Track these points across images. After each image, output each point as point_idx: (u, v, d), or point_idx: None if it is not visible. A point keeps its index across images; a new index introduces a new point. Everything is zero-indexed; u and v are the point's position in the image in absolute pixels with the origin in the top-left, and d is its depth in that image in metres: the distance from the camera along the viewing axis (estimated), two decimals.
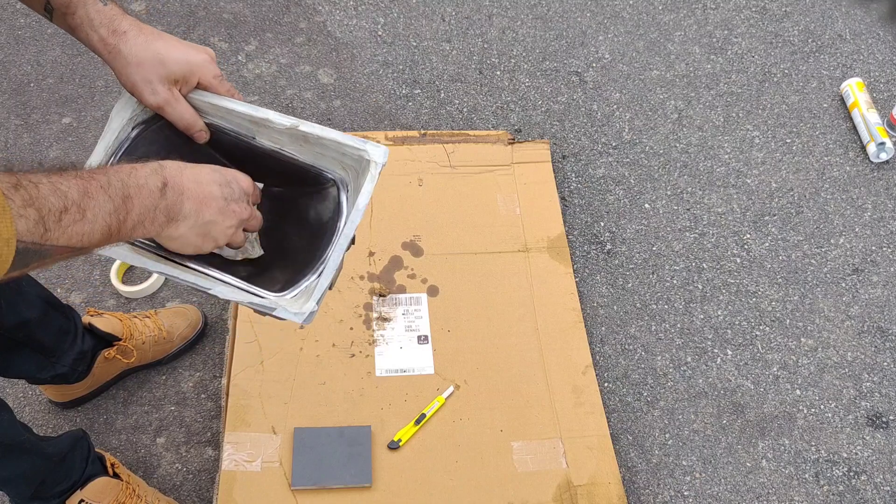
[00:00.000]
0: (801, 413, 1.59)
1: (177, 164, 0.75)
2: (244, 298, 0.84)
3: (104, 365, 1.43)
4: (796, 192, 1.93)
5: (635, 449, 1.51)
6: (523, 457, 1.43)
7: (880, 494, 1.50)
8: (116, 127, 0.86)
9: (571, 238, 1.79)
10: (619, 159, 1.96)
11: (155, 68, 0.82)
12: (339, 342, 1.53)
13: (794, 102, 2.11)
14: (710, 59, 2.19)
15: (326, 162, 0.93)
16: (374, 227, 1.67)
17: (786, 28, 2.28)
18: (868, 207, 1.91)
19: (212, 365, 1.54)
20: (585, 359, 1.56)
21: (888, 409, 1.60)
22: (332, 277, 0.85)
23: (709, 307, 1.72)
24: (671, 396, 1.59)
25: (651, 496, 1.46)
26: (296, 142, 0.92)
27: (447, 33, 2.18)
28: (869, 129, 1.99)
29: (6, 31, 2.01)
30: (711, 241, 1.83)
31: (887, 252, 1.84)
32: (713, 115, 2.07)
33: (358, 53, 2.10)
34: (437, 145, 1.85)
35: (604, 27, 2.23)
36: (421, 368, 1.51)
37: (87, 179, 0.64)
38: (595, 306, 1.70)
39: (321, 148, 0.91)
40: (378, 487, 1.36)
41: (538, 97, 2.06)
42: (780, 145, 2.02)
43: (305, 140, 0.91)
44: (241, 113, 0.90)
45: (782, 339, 1.68)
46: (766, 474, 1.50)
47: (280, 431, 1.40)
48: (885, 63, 2.21)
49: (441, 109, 2.01)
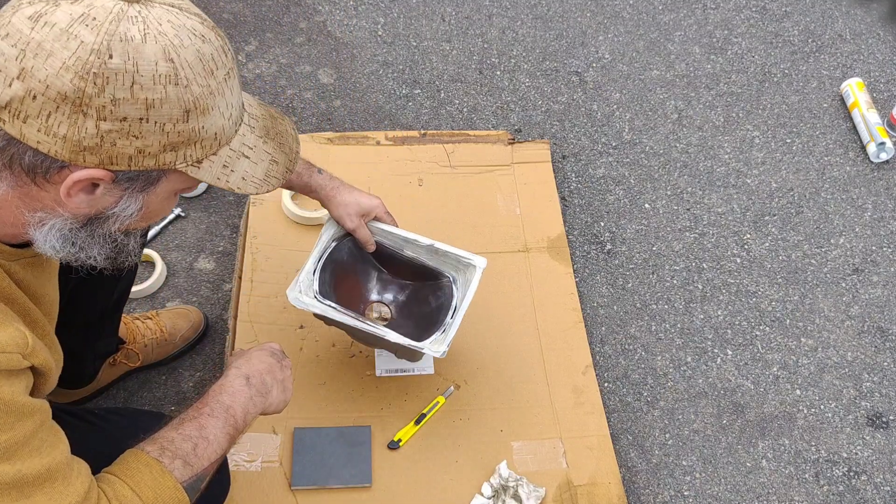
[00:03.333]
0: (801, 413, 1.59)
1: (244, 358, 1.02)
2: (404, 342, 1.27)
3: (109, 369, 1.44)
4: (796, 192, 1.93)
5: (635, 449, 1.51)
6: (523, 457, 1.43)
7: (880, 494, 1.50)
8: (326, 239, 1.34)
9: (571, 238, 1.79)
10: (619, 159, 1.96)
11: (353, 207, 1.32)
12: (339, 342, 1.53)
13: (794, 102, 2.11)
14: (710, 59, 2.19)
15: (446, 266, 1.40)
16: None
17: (786, 28, 2.28)
18: (868, 207, 1.91)
19: (212, 365, 1.54)
20: (585, 359, 1.56)
21: (888, 409, 1.60)
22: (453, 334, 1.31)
23: (709, 307, 1.72)
24: (671, 396, 1.59)
25: (651, 496, 1.46)
26: (429, 253, 1.39)
27: (447, 33, 2.18)
28: (869, 129, 1.99)
29: None
30: (711, 241, 1.83)
31: (887, 252, 1.84)
32: (713, 115, 2.07)
33: (358, 53, 2.11)
34: (437, 145, 1.85)
35: (604, 27, 2.23)
36: (421, 368, 1.51)
37: (198, 416, 0.90)
38: (595, 306, 1.70)
39: (444, 257, 1.39)
40: (378, 487, 1.36)
41: (538, 97, 2.06)
42: (780, 145, 2.02)
43: (436, 252, 1.39)
44: (396, 235, 1.38)
45: (782, 339, 1.68)
46: (766, 474, 1.51)
47: (280, 431, 1.40)
48: (885, 63, 2.21)
49: (441, 109, 2.01)
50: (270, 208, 1.68)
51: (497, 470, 1.38)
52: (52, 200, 0.71)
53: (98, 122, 0.65)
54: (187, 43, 0.67)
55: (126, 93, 0.65)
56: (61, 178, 0.68)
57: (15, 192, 0.70)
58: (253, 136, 0.78)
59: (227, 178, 0.76)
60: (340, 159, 1.79)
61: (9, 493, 0.70)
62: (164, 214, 0.82)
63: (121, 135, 0.66)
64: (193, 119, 0.69)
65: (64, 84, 0.63)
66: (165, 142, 0.69)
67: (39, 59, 0.63)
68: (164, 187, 0.74)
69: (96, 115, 0.65)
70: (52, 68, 0.63)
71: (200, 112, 0.69)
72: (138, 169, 0.69)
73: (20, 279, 0.80)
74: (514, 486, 1.36)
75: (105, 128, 0.65)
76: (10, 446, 0.70)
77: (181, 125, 0.69)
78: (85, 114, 0.64)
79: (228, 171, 0.76)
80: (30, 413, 0.73)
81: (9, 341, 0.71)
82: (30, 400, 0.74)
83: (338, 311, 1.28)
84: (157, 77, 0.66)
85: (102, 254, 0.78)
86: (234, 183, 0.76)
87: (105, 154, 0.67)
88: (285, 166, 0.82)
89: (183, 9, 0.69)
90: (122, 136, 0.66)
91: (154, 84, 0.66)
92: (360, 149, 1.83)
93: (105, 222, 0.75)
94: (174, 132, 0.69)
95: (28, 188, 0.70)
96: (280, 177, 0.81)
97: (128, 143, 0.67)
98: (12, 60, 0.64)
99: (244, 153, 0.77)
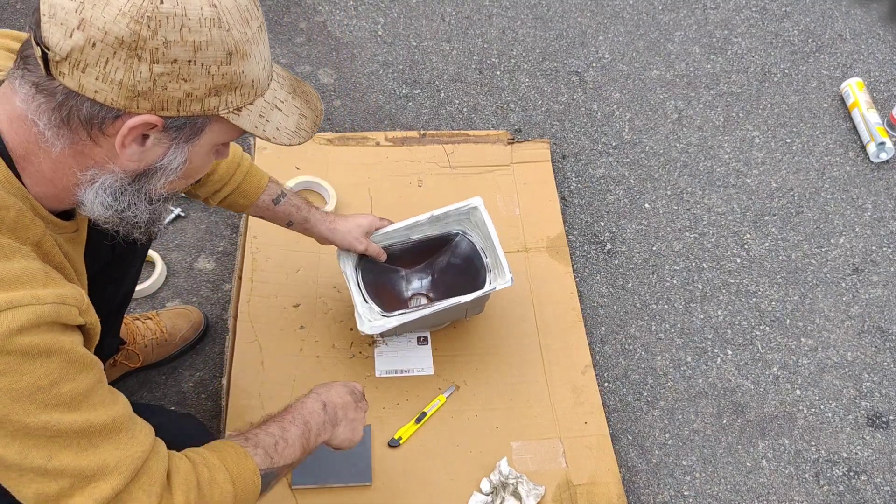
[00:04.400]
0: (801, 413, 1.59)
1: (325, 387, 1.11)
2: (476, 294, 1.39)
3: (109, 369, 1.44)
4: (796, 192, 1.93)
5: (635, 449, 1.51)
6: (523, 456, 1.43)
7: (880, 494, 1.50)
8: (351, 271, 1.42)
9: (571, 238, 1.79)
10: (619, 159, 1.96)
11: (356, 231, 1.41)
12: (338, 343, 1.53)
13: (794, 102, 2.11)
14: (710, 59, 2.19)
15: (451, 226, 1.50)
16: None
17: (786, 28, 2.28)
18: (868, 207, 1.91)
19: (212, 365, 1.55)
20: (585, 359, 1.56)
21: (888, 409, 1.60)
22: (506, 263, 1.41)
23: (709, 307, 1.72)
24: (671, 396, 1.59)
25: (651, 496, 1.46)
26: (432, 225, 1.48)
27: (447, 33, 2.18)
28: (869, 129, 1.99)
29: None
30: (711, 241, 1.83)
31: (887, 252, 1.84)
32: (713, 115, 2.07)
33: (358, 53, 2.11)
34: (437, 146, 1.85)
35: (604, 27, 2.23)
36: (421, 369, 1.51)
37: (280, 421, 1.00)
38: (595, 306, 1.70)
39: (446, 219, 1.48)
40: (378, 486, 1.36)
41: (538, 97, 2.06)
42: (780, 145, 2.02)
43: (438, 220, 1.47)
44: (399, 229, 1.46)
45: (782, 339, 1.68)
46: (766, 474, 1.50)
47: None
48: (885, 63, 2.21)
49: (441, 109, 2.01)
50: None
51: (497, 467, 1.38)
52: (104, 156, 0.75)
53: (151, 66, 0.70)
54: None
55: (176, 35, 0.69)
56: (115, 129, 0.73)
57: (70, 149, 0.74)
58: (283, 91, 0.84)
59: (264, 128, 0.81)
60: (340, 160, 1.79)
61: (77, 443, 0.73)
62: (203, 173, 0.86)
63: (171, 77, 0.71)
64: (235, 62, 0.74)
65: (121, 29, 0.68)
66: (211, 84, 0.74)
67: (98, 8, 0.67)
68: (206, 139, 0.79)
69: (150, 58, 0.69)
70: (109, 15, 0.67)
71: (241, 56, 0.74)
72: (186, 115, 0.74)
73: (66, 252, 0.84)
74: (513, 483, 1.36)
75: (158, 70, 0.70)
76: (76, 396, 0.73)
77: (224, 67, 0.74)
78: (140, 57, 0.69)
79: (264, 120, 0.80)
80: (90, 365, 0.76)
81: (69, 294, 0.74)
82: (88, 353, 0.76)
83: (409, 312, 1.38)
84: (203, 20, 0.70)
85: (146, 214, 0.82)
86: (269, 132, 0.81)
87: (157, 98, 0.72)
88: (313, 121, 0.87)
89: None
90: (173, 79, 0.71)
91: (200, 27, 0.70)
92: (359, 149, 1.83)
93: (152, 177, 0.79)
94: (218, 74, 0.74)
95: (83, 145, 0.74)
96: (309, 130, 0.86)
97: (177, 87, 0.72)
98: (72, 13, 0.68)
99: (277, 105, 0.82)
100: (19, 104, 0.73)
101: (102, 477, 0.74)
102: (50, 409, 0.71)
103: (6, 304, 0.68)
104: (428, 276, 1.55)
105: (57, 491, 0.72)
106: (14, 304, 0.68)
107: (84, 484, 0.73)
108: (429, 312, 1.38)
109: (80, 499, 0.73)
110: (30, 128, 0.73)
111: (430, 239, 1.51)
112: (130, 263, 1.23)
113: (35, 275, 0.72)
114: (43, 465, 0.71)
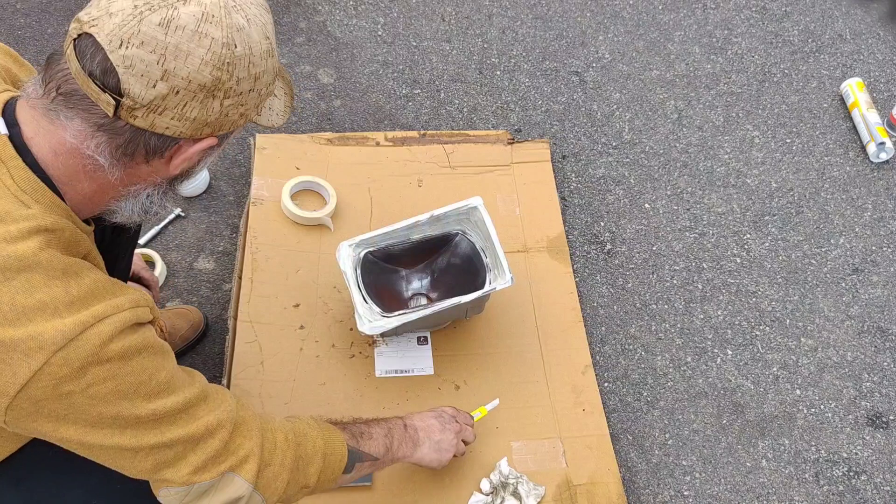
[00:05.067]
0: (801, 413, 1.59)
1: (409, 414, 1.24)
2: (477, 294, 1.39)
3: None
4: (796, 192, 1.93)
5: (635, 449, 1.51)
6: (523, 456, 1.43)
7: (880, 494, 1.50)
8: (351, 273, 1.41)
9: (571, 238, 1.79)
10: (619, 159, 1.96)
11: None
12: (339, 343, 1.53)
13: (794, 102, 2.11)
14: (710, 59, 2.19)
15: (450, 226, 1.49)
16: (373, 229, 1.67)
17: (786, 28, 2.28)
18: (868, 207, 1.91)
19: (212, 365, 1.54)
20: (585, 359, 1.56)
21: (888, 409, 1.60)
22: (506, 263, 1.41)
23: (709, 307, 1.72)
24: (671, 396, 1.59)
25: (651, 496, 1.46)
26: (432, 225, 1.47)
27: (447, 33, 2.18)
28: (869, 129, 1.99)
29: (6, 31, 2.01)
30: (711, 241, 1.83)
31: (887, 252, 1.84)
32: (713, 115, 2.07)
33: (358, 53, 2.11)
34: (437, 146, 1.85)
35: (604, 27, 2.23)
36: (421, 369, 1.51)
37: (367, 421, 1.13)
38: (595, 306, 1.70)
39: (445, 219, 1.48)
40: (378, 487, 1.36)
41: (538, 97, 2.06)
42: (780, 145, 2.02)
43: (438, 220, 1.47)
44: (399, 229, 1.45)
45: (782, 339, 1.68)
46: (766, 474, 1.51)
47: None
48: (885, 63, 2.21)
49: (441, 109, 2.01)
50: (270, 208, 1.68)
51: (497, 467, 1.38)
52: (152, 172, 0.82)
53: (223, 101, 0.77)
54: (266, 18, 0.80)
55: (245, 72, 0.78)
56: (173, 151, 0.80)
57: (125, 172, 0.80)
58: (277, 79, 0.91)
59: (269, 117, 0.88)
60: (340, 160, 1.79)
61: (181, 418, 0.82)
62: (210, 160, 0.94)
63: (235, 105, 0.79)
64: (278, 79, 0.88)
65: (204, 77, 0.74)
66: (258, 102, 0.83)
67: (180, 59, 0.73)
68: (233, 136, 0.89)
69: (223, 96, 0.77)
70: (192, 65, 0.73)
71: (279, 73, 0.87)
72: (234, 128, 0.83)
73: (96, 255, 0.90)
74: (513, 483, 1.36)
75: (227, 104, 0.78)
76: (170, 380, 0.81)
77: (272, 86, 0.84)
78: (214, 96, 0.76)
79: (270, 111, 0.89)
80: (169, 351, 0.84)
81: (139, 297, 0.81)
82: (162, 341, 0.84)
83: (409, 312, 1.38)
84: (263, 53, 0.79)
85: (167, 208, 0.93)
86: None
87: (218, 124, 0.79)
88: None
89: None
90: (235, 107, 0.79)
91: (261, 60, 0.79)
92: (359, 149, 1.83)
93: (185, 178, 0.88)
94: (266, 92, 0.83)
95: (136, 168, 0.80)
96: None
97: (237, 111, 0.80)
98: (154, 65, 0.72)
99: (275, 94, 0.89)
100: (70, 139, 0.76)
101: (210, 436, 0.84)
102: (154, 398, 0.79)
103: (93, 319, 0.74)
104: (428, 276, 1.55)
105: (173, 456, 0.82)
106: (99, 316, 0.75)
107: (195, 444, 0.83)
108: (429, 313, 1.38)
109: (195, 456, 0.83)
110: (80, 160, 0.77)
111: (430, 239, 1.50)
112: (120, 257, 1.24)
113: (105, 285, 0.78)
114: (157, 441, 0.80)
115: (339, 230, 1.67)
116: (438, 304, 1.39)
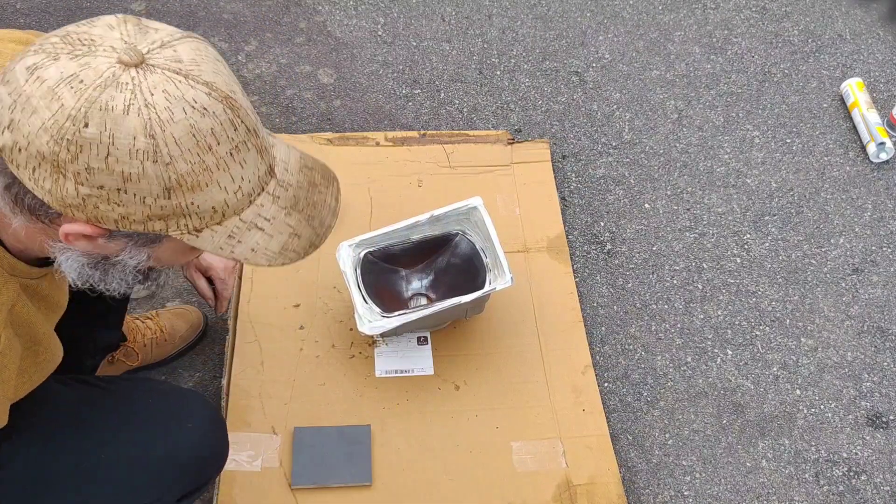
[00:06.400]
0: (801, 413, 1.59)
1: None
2: (477, 294, 1.40)
3: (108, 368, 1.44)
4: (796, 192, 1.93)
5: (635, 449, 1.51)
6: (523, 457, 1.43)
7: (880, 494, 1.50)
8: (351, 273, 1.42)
9: (571, 238, 1.79)
10: (619, 159, 1.96)
11: None
12: (338, 343, 1.53)
13: (794, 102, 2.11)
14: (710, 59, 2.19)
15: (450, 226, 1.50)
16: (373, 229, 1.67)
17: (786, 28, 2.28)
18: (868, 207, 1.91)
19: (212, 365, 1.55)
20: (585, 359, 1.56)
21: (888, 409, 1.60)
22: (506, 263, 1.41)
23: (709, 307, 1.72)
24: (671, 396, 1.59)
25: (651, 496, 1.46)
26: (432, 225, 1.48)
27: (447, 33, 2.18)
28: (869, 129, 1.99)
29: None
30: (711, 241, 1.83)
31: (887, 252, 1.84)
32: (713, 115, 2.07)
33: (358, 53, 2.11)
34: (437, 146, 1.85)
35: (604, 27, 2.23)
36: (421, 369, 1.51)
37: None
38: (595, 306, 1.70)
39: (446, 219, 1.49)
40: (378, 486, 1.36)
41: (538, 97, 2.06)
42: (780, 145, 2.02)
43: (437, 220, 1.48)
44: (399, 230, 1.46)
45: (782, 339, 1.68)
46: (766, 474, 1.51)
47: (280, 432, 1.40)
48: (885, 63, 2.21)
49: (441, 109, 2.01)
50: None
51: None
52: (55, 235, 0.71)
53: (77, 186, 0.64)
54: (179, 117, 0.63)
55: (101, 163, 0.63)
56: (57, 221, 0.68)
57: (30, 226, 0.70)
58: (274, 207, 0.74)
59: (232, 249, 0.72)
60: (340, 160, 1.79)
61: None
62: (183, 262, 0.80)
63: (101, 200, 0.65)
64: (177, 196, 0.66)
65: (42, 144, 0.62)
66: (149, 213, 0.67)
67: (25, 113, 0.62)
68: (168, 246, 0.73)
69: (74, 180, 0.63)
70: (33, 126, 0.62)
71: (188, 189, 0.66)
72: (127, 230, 0.68)
73: (46, 294, 0.82)
74: None
75: (84, 192, 0.64)
76: None
77: (163, 200, 0.66)
78: (64, 176, 0.63)
79: (234, 241, 0.72)
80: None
81: None
82: None
83: (409, 313, 1.38)
84: (134, 152, 0.63)
85: (125, 283, 0.77)
86: (239, 254, 0.73)
87: (90, 213, 0.66)
88: (309, 240, 0.78)
89: (190, 77, 0.66)
90: (103, 202, 0.65)
91: (130, 158, 0.63)
92: (359, 149, 1.83)
93: (116, 265, 0.74)
94: (156, 206, 0.66)
95: (40, 224, 0.70)
96: (301, 251, 0.77)
97: (110, 209, 0.66)
98: (5, 109, 0.63)
99: (258, 224, 0.73)
100: None
101: None
102: None
103: None
104: (428, 277, 1.56)
105: None
106: None
107: None
108: (429, 313, 1.38)
109: None
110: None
111: (429, 239, 1.51)
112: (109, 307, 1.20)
113: None
114: None
115: (339, 230, 1.66)
116: (438, 304, 1.39)
